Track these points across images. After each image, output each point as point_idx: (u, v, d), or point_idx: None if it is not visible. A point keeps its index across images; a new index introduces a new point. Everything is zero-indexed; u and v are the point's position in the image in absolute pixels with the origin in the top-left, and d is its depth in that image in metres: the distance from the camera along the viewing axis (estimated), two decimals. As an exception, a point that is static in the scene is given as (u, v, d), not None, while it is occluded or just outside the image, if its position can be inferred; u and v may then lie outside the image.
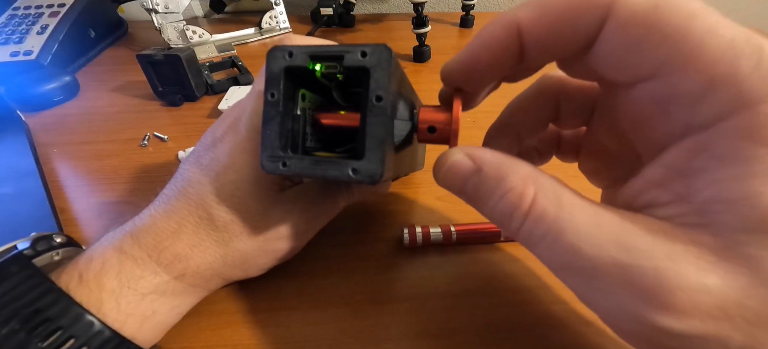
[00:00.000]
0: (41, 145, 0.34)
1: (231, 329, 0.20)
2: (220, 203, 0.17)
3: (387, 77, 0.13)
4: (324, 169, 0.14)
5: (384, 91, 0.13)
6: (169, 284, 0.17)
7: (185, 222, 0.17)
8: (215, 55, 0.53)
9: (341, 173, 0.14)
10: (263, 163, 0.15)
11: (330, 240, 0.24)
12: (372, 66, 0.14)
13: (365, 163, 0.14)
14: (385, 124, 0.14)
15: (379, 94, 0.13)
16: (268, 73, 0.15)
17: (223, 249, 0.18)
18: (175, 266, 0.17)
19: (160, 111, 0.40)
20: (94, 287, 0.15)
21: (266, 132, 0.15)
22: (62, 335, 0.14)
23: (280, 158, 0.15)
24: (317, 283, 0.22)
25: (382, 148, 0.14)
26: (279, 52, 0.15)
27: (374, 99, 0.14)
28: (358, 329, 0.20)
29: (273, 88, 0.15)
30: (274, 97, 0.15)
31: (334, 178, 0.14)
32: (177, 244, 0.17)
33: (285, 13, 0.60)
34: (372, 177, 0.14)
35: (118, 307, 0.16)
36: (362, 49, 0.14)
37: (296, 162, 0.15)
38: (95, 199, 0.28)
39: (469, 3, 0.62)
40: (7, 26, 0.47)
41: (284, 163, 0.15)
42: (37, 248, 0.17)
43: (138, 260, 0.17)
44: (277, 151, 0.15)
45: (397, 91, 0.15)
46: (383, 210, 0.27)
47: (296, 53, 0.15)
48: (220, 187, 0.17)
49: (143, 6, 0.48)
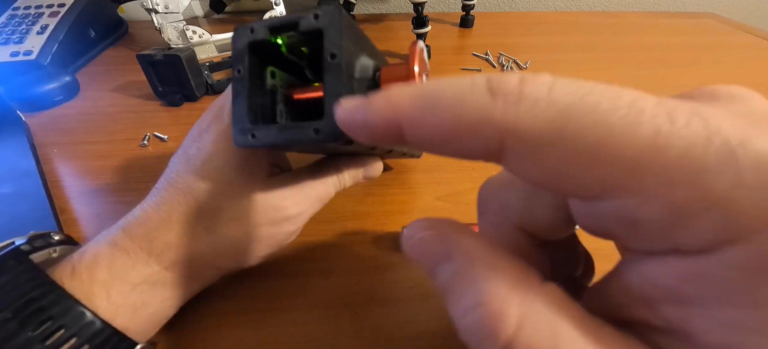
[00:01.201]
0: (41, 145, 0.34)
1: (231, 329, 0.20)
2: (207, 191, 0.18)
3: (338, 34, 0.14)
4: (289, 134, 0.15)
5: (337, 48, 0.14)
6: (160, 274, 0.17)
7: (174, 212, 0.18)
8: (215, 55, 0.53)
9: (305, 135, 0.14)
10: (235, 138, 0.16)
11: (330, 240, 0.24)
12: (325, 26, 0.14)
13: (325, 121, 0.14)
14: (341, 79, 0.14)
15: (333, 52, 0.14)
16: (233, 50, 0.15)
17: (212, 237, 0.18)
18: (166, 255, 0.17)
19: (160, 111, 0.40)
20: (85, 279, 0.16)
21: (235, 107, 0.16)
22: (53, 324, 0.14)
23: (249, 130, 0.15)
24: (317, 283, 0.22)
25: None
26: (242, 29, 0.15)
27: (329, 57, 0.14)
28: (358, 329, 0.20)
29: (239, 65, 0.15)
30: (241, 74, 0.15)
31: (300, 141, 0.15)
32: (167, 234, 0.17)
33: (285, 13, 0.60)
34: (333, 134, 0.14)
35: (109, 298, 0.16)
36: (315, 12, 0.14)
37: (264, 132, 0.15)
38: (95, 199, 0.28)
39: (469, 3, 0.62)
40: (7, 26, 0.47)
41: (253, 134, 0.15)
42: (34, 245, 0.17)
43: (129, 251, 0.17)
44: (247, 124, 0.15)
45: (355, 51, 0.15)
46: (383, 210, 0.27)
47: (256, 28, 0.15)
48: (207, 174, 0.18)
49: (143, 6, 0.48)
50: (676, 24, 0.70)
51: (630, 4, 0.84)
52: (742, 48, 0.60)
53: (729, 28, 0.69)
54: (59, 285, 0.15)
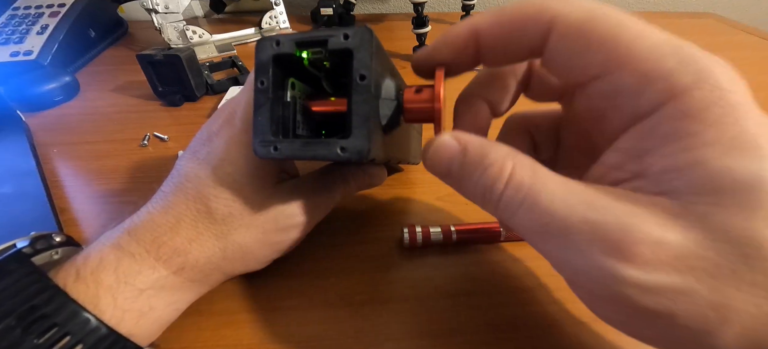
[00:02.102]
0: (41, 145, 0.34)
1: (231, 329, 0.20)
2: (218, 196, 0.18)
3: (369, 56, 0.14)
4: (314, 150, 0.15)
5: (367, 69, 0.14)
6: (168, 279, 0.17)
7: (183, 216, 0.17)
8: (215, 55, 0.53)
9: (330, 152, 0.15)
10: (255, 149, 0.16)
11: (330, 240, 0.24)
12: (355, 47, 0.14)
13: (352, 141, 0.14)
14: (369, 101, 0.14)
15: (362, 73, 0.14)
16: (257, 61, 0.16)
17: (222, 242, 0.18)
18: (174, 260, 0.17)
19: (160, 111, 0.40)
20: (91, 283, 0.15)
21: (257, 118, 0.16)
22: (58, 332, 0.14)
23: (272, 143, 0.15)
24: (317, 283, 0.22)
25: (367, 124, 0.14)
26: (267, 42, 0.15)
27: (358, 78, 0.14)
28: (358, 329, 0.20)
29: (262, 76, 0.16)
30: (264, 85, 0.16)
31: (324, 157, 0.15)
32: (175, 238, 0.17)
33: (285, 13, 0.60)
34: (359, 153, 0.14)
35: (115, 303, 0.16)
36: (345, 32, 0.14)
37: (287, 145, 0.15)
38: (95, 199, 0.28)
39: (469, 3, 0.62)
40: (7, 26, 0.47)
41: (275, 147, 0.15)
42: (36, 247, 0.17)
43: (135, 255, 0.17)
44: (269, 136, 0.16)
45: (381, 72, 0.15)
46: (383, 210, 0.27)
47: (283, 41, 0.15)
48: (218, 180, 0.18)
49: (143, 6, 0.48)
50: (676, 24, 0.70)
51: (630, 5, 0.84)
52: (742, 48, 0.60)
53: (729, 28, 0.69)
54: (63, 290, 0.15)
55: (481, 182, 0.13)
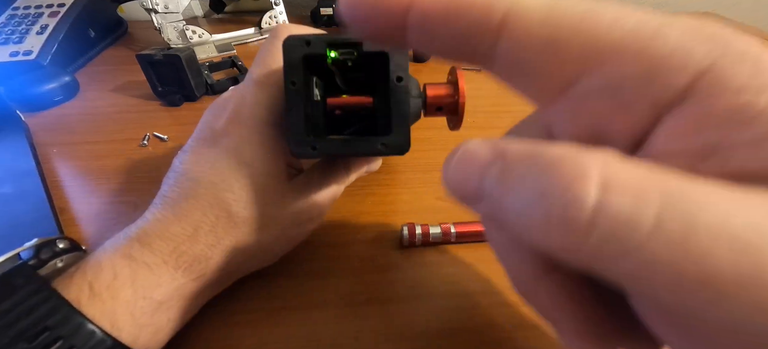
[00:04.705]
0: (41, 145, 0.34)
1: (231, 329, 0.20)
2: (238, 201, 0.17)
3: (406, 60, 0.15)
4: (354, 147, 0.16)
5: (404, 72, 0.15)
6: (187, 287, 0.17)
7: (201, 224, 0.17)
8: (215, 55, 0.52)
9: (372, 148, 0.16)
10: (293, 150, 0.16)
11: (330, 240, 0.24)
12: (391, 50, 0.15)
13: (394, 138, 0.16)
14: (407, 101, 0.15)
15: (399, 76, 0.15)
16: (287, 62, 0.16)
17: (244, 244, 0.18)
18: (195, 268, 0.17)
19: (159, 111, 0.40)
20: (107, 299, 0.15)
21: (292, 119, 0.16)
22: None
23: (308, 142, 0.16)
24: (317, 283, 0.22)
25: (407, 122, 0.15)
26: (296, 41, 0.16)
27: (396, 80, 0.15)
28: (358, 329, 0.20)
29: (294, 77, 0.16)
30: (296, 86, 0.16)
31: (362, 152, 0.16)
32: (195, 247, 0.17)
33: (285, 13, 0.60)
34: (400, 149, 0.16)
35: (133, 319, 0.15)
36: None
37: (326, 144, 0.16)
38: (95, 199, 0.28)
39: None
40: (6, 26, 0.47)
41: (313, 147, 0.16)
42: (40, 257, 0.16)
43: (152, 266, 0.16)
44: (303, 136, 0.16)
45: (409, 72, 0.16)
46: (383, 210, 0.27)
47: (314, 41, 0.16)
48: (236, 183, 0.17)
49: (143, 6, 0.48)
50: (676, 24, 0.70)
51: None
52: (742, 48, 0.60)
53: (729, 27, 0.68)
54: (77, 309, 0.14)
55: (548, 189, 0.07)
